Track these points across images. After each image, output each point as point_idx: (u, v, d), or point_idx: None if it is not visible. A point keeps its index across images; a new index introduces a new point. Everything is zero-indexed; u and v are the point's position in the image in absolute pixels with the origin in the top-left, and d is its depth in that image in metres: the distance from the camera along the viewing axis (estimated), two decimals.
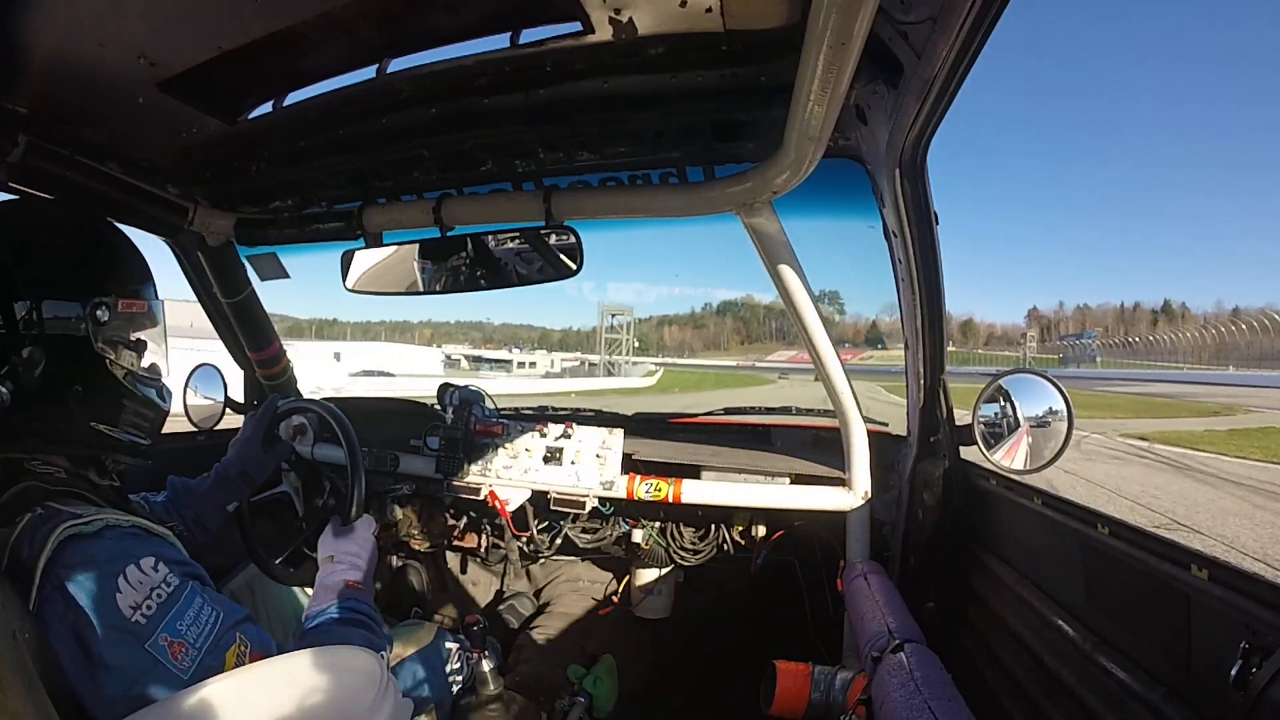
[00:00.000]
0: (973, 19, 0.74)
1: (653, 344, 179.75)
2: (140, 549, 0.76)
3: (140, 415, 0.99)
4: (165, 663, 0.72)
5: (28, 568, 0.69)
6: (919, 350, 1.45)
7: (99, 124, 1.21)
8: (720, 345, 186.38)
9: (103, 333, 0.91)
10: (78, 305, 0.88)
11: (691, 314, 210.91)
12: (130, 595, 0.72)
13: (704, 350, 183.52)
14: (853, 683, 1.25)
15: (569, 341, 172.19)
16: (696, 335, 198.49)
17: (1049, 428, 1.28)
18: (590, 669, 1.92)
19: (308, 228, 1.54)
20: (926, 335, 1.42)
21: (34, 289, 0.85)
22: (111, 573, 0.72)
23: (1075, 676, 0.98)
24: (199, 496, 1.31)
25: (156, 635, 0.73)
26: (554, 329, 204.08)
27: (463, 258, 1.58)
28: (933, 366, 1.45)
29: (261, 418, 1.43)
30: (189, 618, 0.76)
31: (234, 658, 0.79)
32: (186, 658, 0.74)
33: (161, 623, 0.73)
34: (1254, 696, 0.64)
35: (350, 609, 1.06)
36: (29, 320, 0.83)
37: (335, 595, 1.08)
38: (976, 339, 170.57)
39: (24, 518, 0.72)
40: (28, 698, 0.51)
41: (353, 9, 0.93)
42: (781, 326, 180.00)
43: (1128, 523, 0.94)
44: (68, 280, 0.89)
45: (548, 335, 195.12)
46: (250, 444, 1.41)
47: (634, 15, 0.92)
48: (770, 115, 1.13)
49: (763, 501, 1.66)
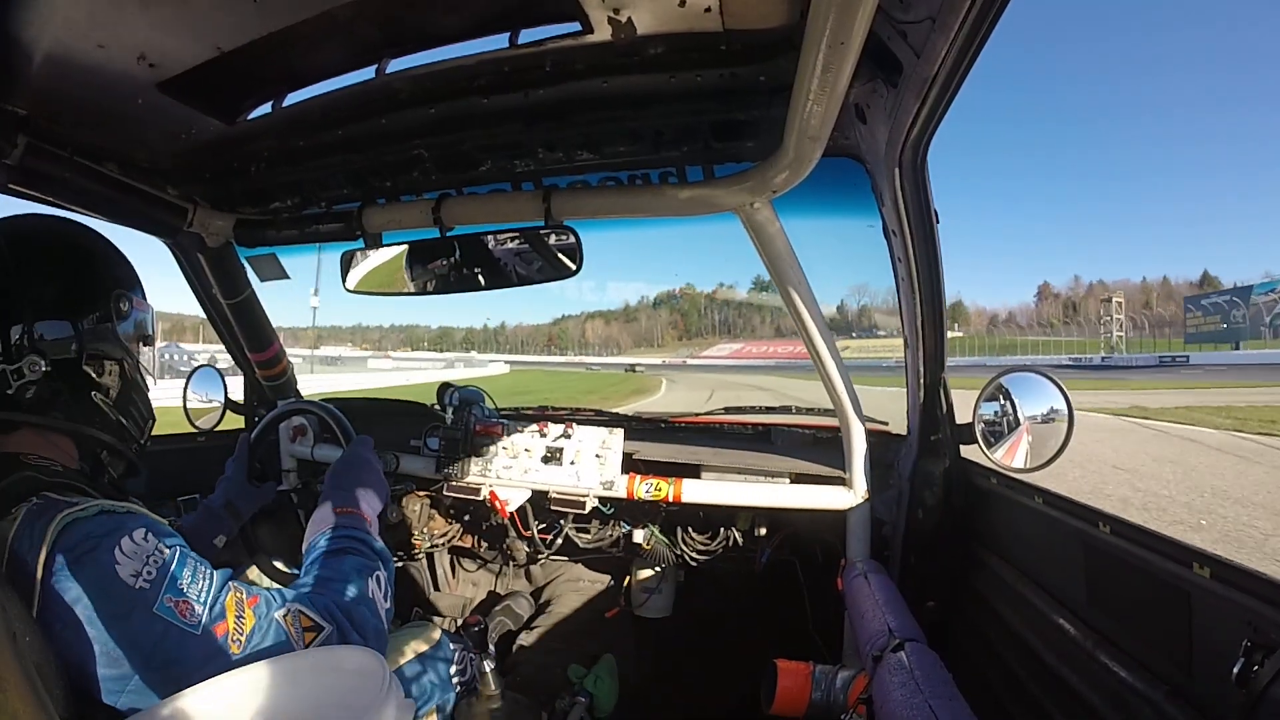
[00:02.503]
0: (973, 18, 0.74)
1: (572, 342, 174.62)
2: (132, 522, 0.76)
3: (136, 418, 1.01)
4: (176, 623, 0.73)
5: (29, 564, 0.69)
6: (919, 349, 1.45)
7: (98, 125, 1.21)
8: (654, 341, 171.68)
9: (94, 343, 0.92)
10: (68, 324, 0.90)
11: (625, 308, 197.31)
12: (128, 565, 0.72)
13: (634, 347, 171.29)
14: (853, 682, 1.25)
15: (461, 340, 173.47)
16: (626, 330, 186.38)
17: (1050, 426, 1.28)
18: (590, 669, 1.92)
19: (307, 228, 1.54)
20: (927, 334, 1.42)
21: (29, 308, 0.87)
22: (108, 546, 0.72)
23: (1077, 675, 0.98)
24: (186, 532, 1.32)
25: (161, 598, 0.73)
26: (459, 328, 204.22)
27: (462, 258, 1.58)
28: (933, 365, 1.45)
29: (239, 458, 1.44)
30: (187, 576, 0.77)
31: (233, 604, 0.80)
32: (193, 614, 0.75)
33: (163, 584, 0.74)
34: (1256, 694, 0.64)
35: (339, 536, 1.05)
36: (19, 345, 0.85)
37: (327, 526, 1.07)
38: (966, 323, 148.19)
39: (21, 509, 0.72)
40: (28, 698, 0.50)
41: (352, 9, 0.93)
42: (726, 318, 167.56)
43: (1129, 521, 0.94)
44: (59, 296, 0.90)
45: (450, 334, 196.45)
46: (234, 482, 1.42)
47: (633, 15, 0.92)
48: (770, 115, 1.13)
49: (763, 501, 1.66)
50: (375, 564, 1.03)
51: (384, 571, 1.04)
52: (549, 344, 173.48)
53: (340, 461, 1.26)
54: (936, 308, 1.37)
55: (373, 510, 1.17)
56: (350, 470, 1.22)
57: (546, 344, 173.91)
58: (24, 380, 0.85)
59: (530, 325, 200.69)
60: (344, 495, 1.15)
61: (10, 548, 0.70)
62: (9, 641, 0.49)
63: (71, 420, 0.91)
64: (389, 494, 1.26)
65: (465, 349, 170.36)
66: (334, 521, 1.08)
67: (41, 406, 0.87)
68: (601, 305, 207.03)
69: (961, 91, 0.90)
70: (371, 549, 1.06)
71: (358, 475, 1.21)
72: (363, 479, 1.21)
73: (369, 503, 1.17)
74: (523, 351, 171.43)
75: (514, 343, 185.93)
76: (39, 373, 0.86)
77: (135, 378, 1.00)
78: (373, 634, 0.93)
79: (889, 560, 1.60)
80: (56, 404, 0.89)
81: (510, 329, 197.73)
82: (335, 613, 0.89)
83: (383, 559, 1.06)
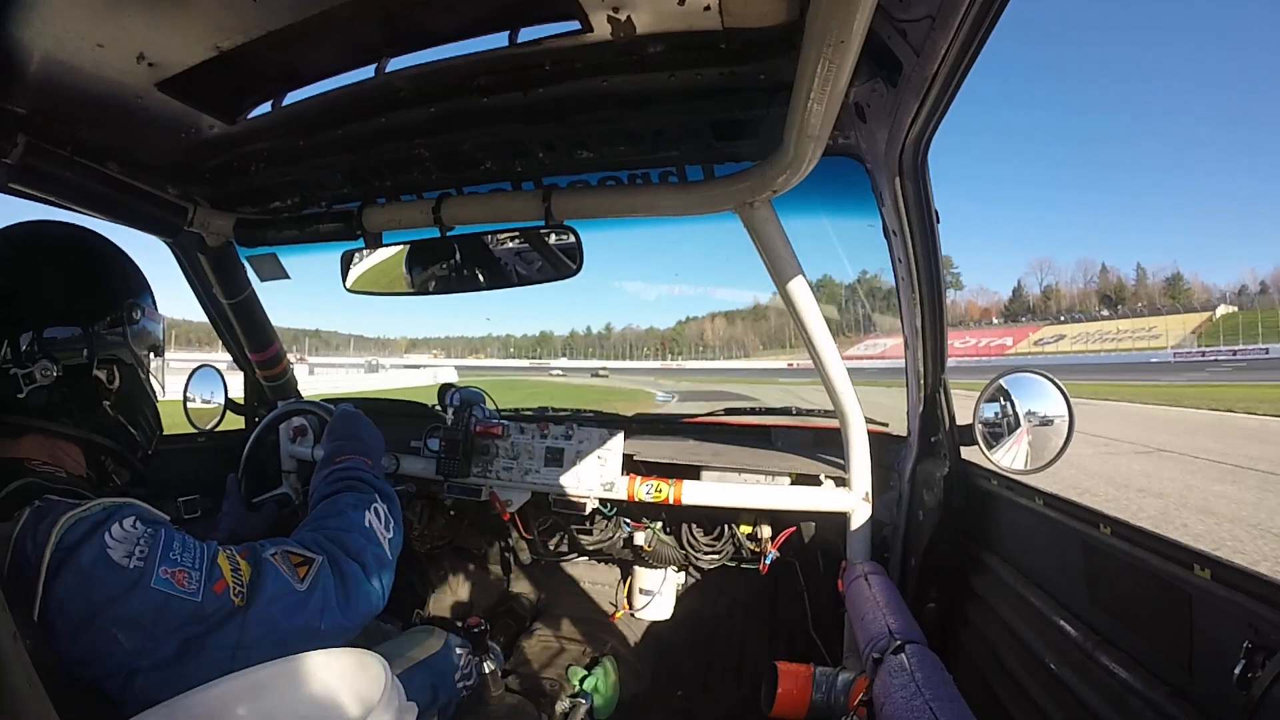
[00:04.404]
0: (973, 17, 0.74)
1: (689, 345, 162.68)
2: (123, 511, 0.77)
3: (144, 427, 1.01)
4: (174, 593, 0.74)
5: (31, 565, 0.69)
6: (919, 349, 1.45)
7: (98, 124, 1.21)
8: (785, 341, 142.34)
9: (105, 350, 0.93)
10: (79, 329, 0.90)
11: (755, 306, 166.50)
12: (120, 548, 0.73)
13: (762, 349, 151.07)
14: (854, 684, 1.25)
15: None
16: (753, 329, 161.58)
17: (1050, 427, 1.27)
18: (591, 670, 1.91)
19: (307, 228, 1.54)
20: (927, 334, 1.42)
21: (41, 312, 0.88)
22: (100, 533, 0.73)
23: (1077, 676, 0.98)
24: None
25: (156, 570, 0.74)
26: (557, 334, 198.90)
27: (462, 258, 1.58)
28: (933, 366, 1.45)
29: (231, 495, 1.46)
30: (177, 548, 0.77)
31: (225, 561, 0.81)
32: (191, 580, 0.76)
33: (156, 558, 0.75)
34: (1257, 696, 0.64)
35: (335, 479, 1.06)
36: (31, 349, 0.86)
37: (324, 474, 1.09)
38: (1189, 299, 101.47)
39: (24, 512, 0.72)
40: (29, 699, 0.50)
41: (351, 9, 0.93)
42: (870, 311, 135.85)
43: (1129, 523, 0.94)
44: (75, 303, 0.92)
45: (549, 340, 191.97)
46: (233, 516, 1.43)
47: (632, 14, 0.92)
48: (769, 114, 1.13)
49: (763, 502, 1.66)
50: (371, 496, 1.03)
51: (382, 504, 1.03)
52: (661, 348, 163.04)
53: (333, 420, 1.29)
54: (936, 308, 1.37)
55: (372, 453, 1.19)
56: (345, 423, 1.25)
57: (659, 349, 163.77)
58: (35, 385, 0.85)
59: (642, 329, 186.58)
60: (341, 444, 1.18)
61: (13, 549, 0.70)
62: (10, 642, 0.49)
63: (79, 427, 0.91)
64: (384, 445, 1.29)
65: (566, 354, 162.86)
66: (331, 468, 1.10)
67: (51, 412, 0.88)
68: (729, 305, 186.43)
69: (962, 91, 0.90)
70: (368, 484, 1.06)
71: (353, 426, 1.24)
72: (356, 427, 1.24)
73: (366, 446, 1.19)
74: (633, 357, 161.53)
75: (621, 348, 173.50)
76: (50, 378, 0.86)
77: (145, 387, 1.01)
78: (372, 560, 0.94)
79: (889, 562, 1.60)
80: (66, 410, 0.89)
81: (617, 333, 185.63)
82: (324, 543, 0.90)
83: (381, 492, 1.06)
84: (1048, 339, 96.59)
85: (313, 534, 0.92)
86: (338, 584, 0.88)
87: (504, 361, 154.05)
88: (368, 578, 0.92)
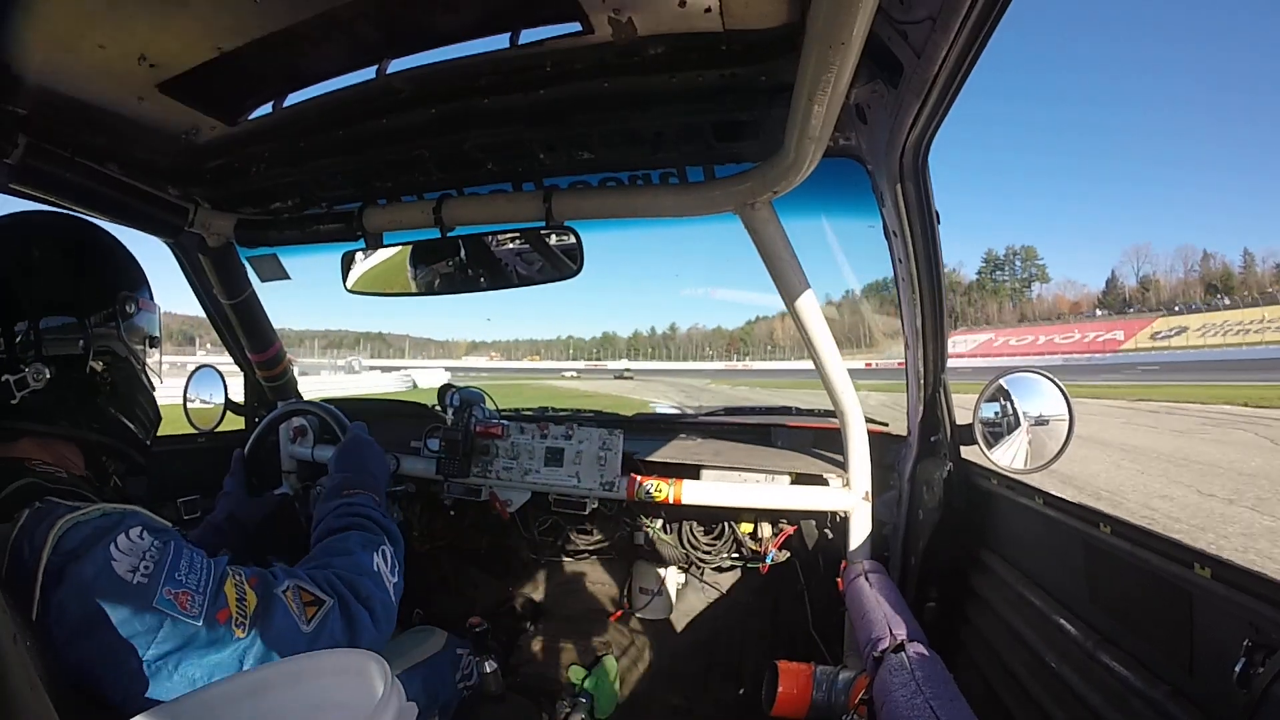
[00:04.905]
0: (974, 19, 0.74)
1: (759, 345, 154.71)
2: (128, 520, 0.76)
3: (142, 420, 1.01)
4: (176, 615, 0.73)
5: (29, 567, 0.69)
6: (919, 350, 1.45)
7: (99, 125, 1.21)
8: (859, 340, 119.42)
9: (101, 342, 0.92)
10: (75, 321, 0.89)
11: (827, 302, 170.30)
12: (125, 561, 0.72)
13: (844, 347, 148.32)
14: (854, 683, 1.25)
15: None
16: (830, 327, 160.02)
17: (1050, 427, 1.28)
18: (591, 670, 1.92)
19: (308, 229, 1.54)
20: (927, 334, 1.42)
21: (37, 304, 0.87)
22: (104, 544, 0.72)
23: (1078, 675, 0.98)
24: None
25: (160, 590, 0.73)
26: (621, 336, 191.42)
27: (463, 258, 1.59)
28: (934, 366, 1.45)
29: (235, 474, 1.45)
30: (184, 567, 0.76)
31: (233, 588, 0.79)
32: (194, 604, 0.74)
33: (161, 577, 0.73)
34: (1258, 694, 0.64)
35: (345, 514, 1.05)
36: (27, 339, 0.85)
37: (333, 506, 1.07)
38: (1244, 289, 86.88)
39: (23, 514, 0.72)
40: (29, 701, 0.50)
41: (352, 9, 0.93)
42: (953, 305, 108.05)
43: (1129, 522, 0.94)
44: (70, 294, 0.90)
45: (612, 340, 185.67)
46: (233, 496, 1.42)
47: (633, 15, 0.92)
48: (770, 115, 1.13)
49: (763, 502, 1.66)
50: (380, 538, 1.02)
51: (390, 546, 1.03)
52: (729, 349, 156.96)
53: (343, 445, 1.27)
54: (937, 308, 1.37)
55: (379, 488, 1.17)
56: (354, 451, 1.24)
57: (727, 349, 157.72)
58: (28, 389, 0.85)
59: (708, 328, 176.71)
60: (349, 475, 1.16)
61: (11, 551, 0.70)
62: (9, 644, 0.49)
63: (76, 427, 0.90)
64: (390, 473, 1.27)
65: (629, 356, 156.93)
66: (340, 500, 1.09)
67: (46, 414, 0.87)
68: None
69: (963, 92, 0.90)
70: (377, 524, 1.05)
71: (362, 456, 1.22)
72: (366, 459, 1.22)
73: (375, 481, 1.17)
74: (699, 358, 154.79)
75: (687, 349, 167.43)
76: (43, 380, 0.86)
77: (141, 379, 1.00)
78: (379, 606, 0.93)
79: (890, 561, 1.60)
80: (62, 411, 0.89)
81: (683, 333, 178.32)
82: (337, 585, 0.89)
83: (389, 534, 1.05)
84: (1165, 332, 79.84)
85: (325, 572, 0.91)
86: (344, 629, 0.86)
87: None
88: (374, 624, 0.91)
